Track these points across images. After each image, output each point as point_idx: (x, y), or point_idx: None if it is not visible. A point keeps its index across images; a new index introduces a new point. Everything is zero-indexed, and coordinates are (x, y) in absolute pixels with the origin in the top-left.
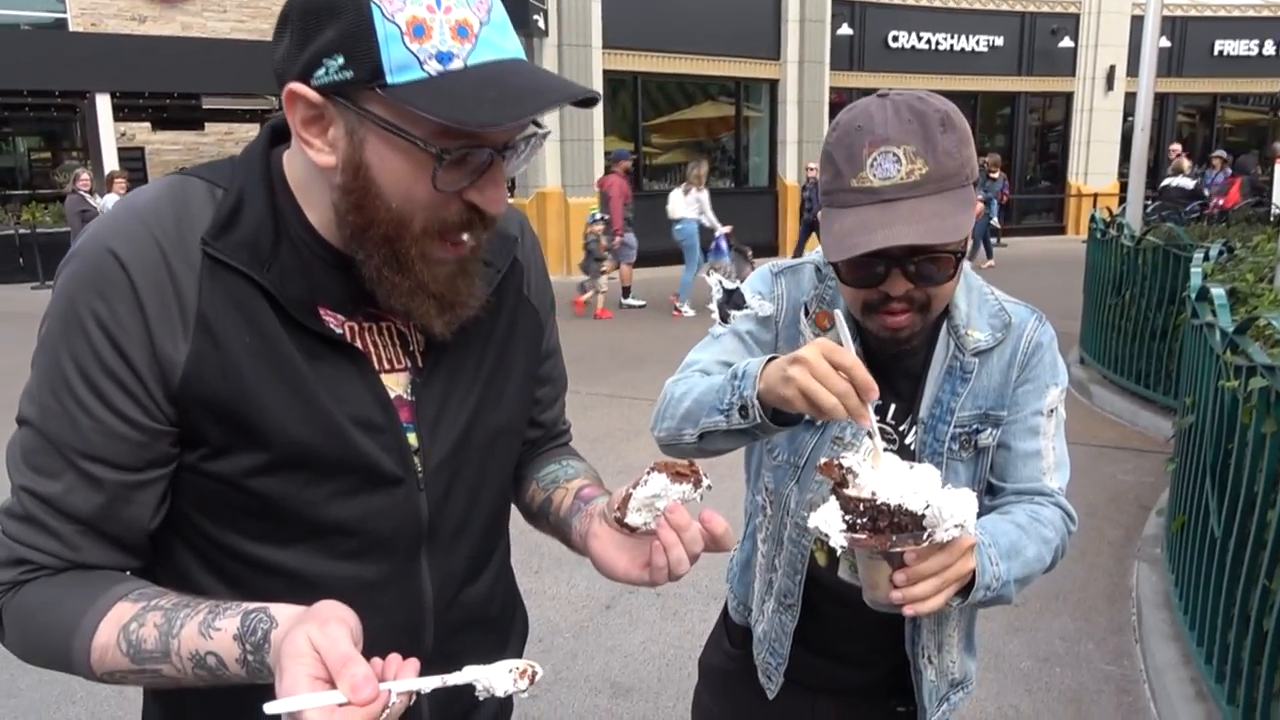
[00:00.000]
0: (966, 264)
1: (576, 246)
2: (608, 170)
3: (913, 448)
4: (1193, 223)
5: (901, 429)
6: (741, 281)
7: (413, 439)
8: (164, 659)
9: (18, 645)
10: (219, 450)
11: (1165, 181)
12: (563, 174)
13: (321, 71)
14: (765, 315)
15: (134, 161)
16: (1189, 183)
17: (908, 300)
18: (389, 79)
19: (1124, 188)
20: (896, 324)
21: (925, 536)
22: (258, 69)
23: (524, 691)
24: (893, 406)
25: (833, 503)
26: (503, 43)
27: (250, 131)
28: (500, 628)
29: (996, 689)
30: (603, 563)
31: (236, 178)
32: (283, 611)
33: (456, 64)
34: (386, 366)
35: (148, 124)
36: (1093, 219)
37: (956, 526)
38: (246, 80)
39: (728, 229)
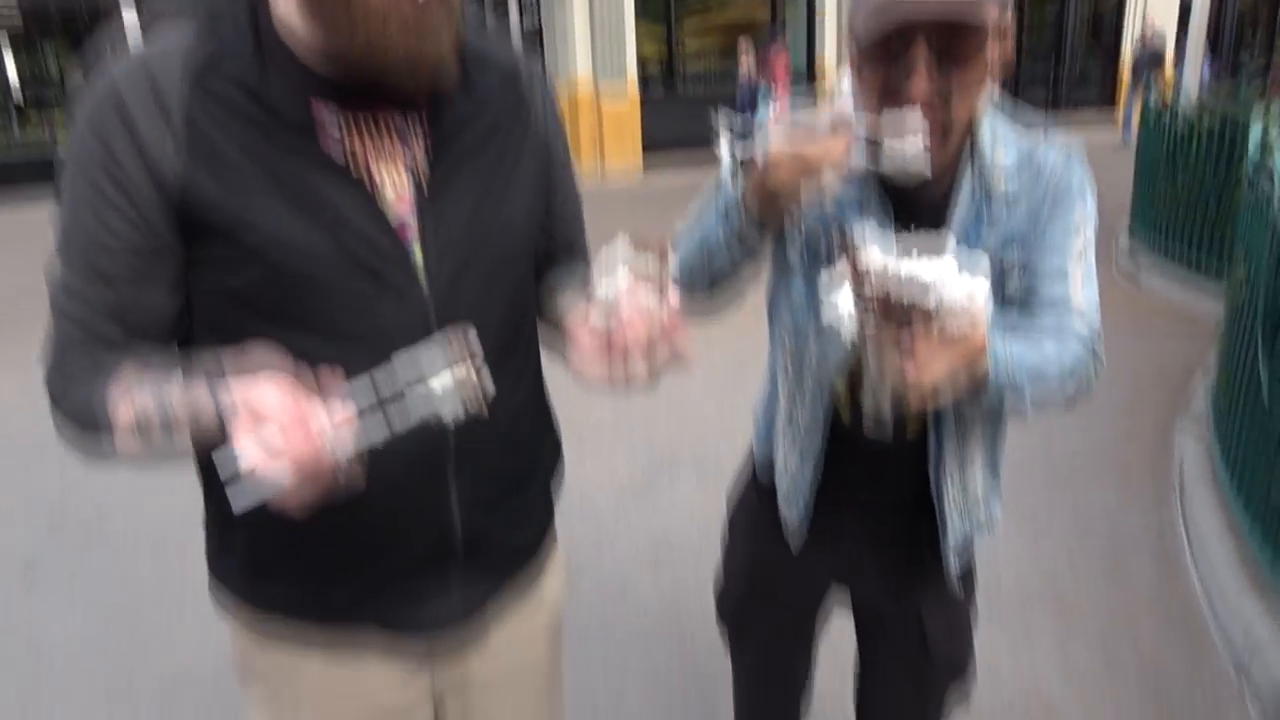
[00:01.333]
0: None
1: (609, 133)
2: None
3: None
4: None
5: None
6: None
7: (417, 251)
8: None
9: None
10: (221, 262)
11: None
12: (594, 60)
13: None
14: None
15: None
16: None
17: (931, 100)
18: None
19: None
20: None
21: (934, 306)
22: None
23: (459, 408)
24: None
25: (846, 287)
26: None
27: None
28: (531, 447)
29: (1033, 551)
30: (574, 358)
31: (217, 12)
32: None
33: None
34: (380, 167)
35: None
36: (1145, 104)
37: (965, 295)
38: None
39: None
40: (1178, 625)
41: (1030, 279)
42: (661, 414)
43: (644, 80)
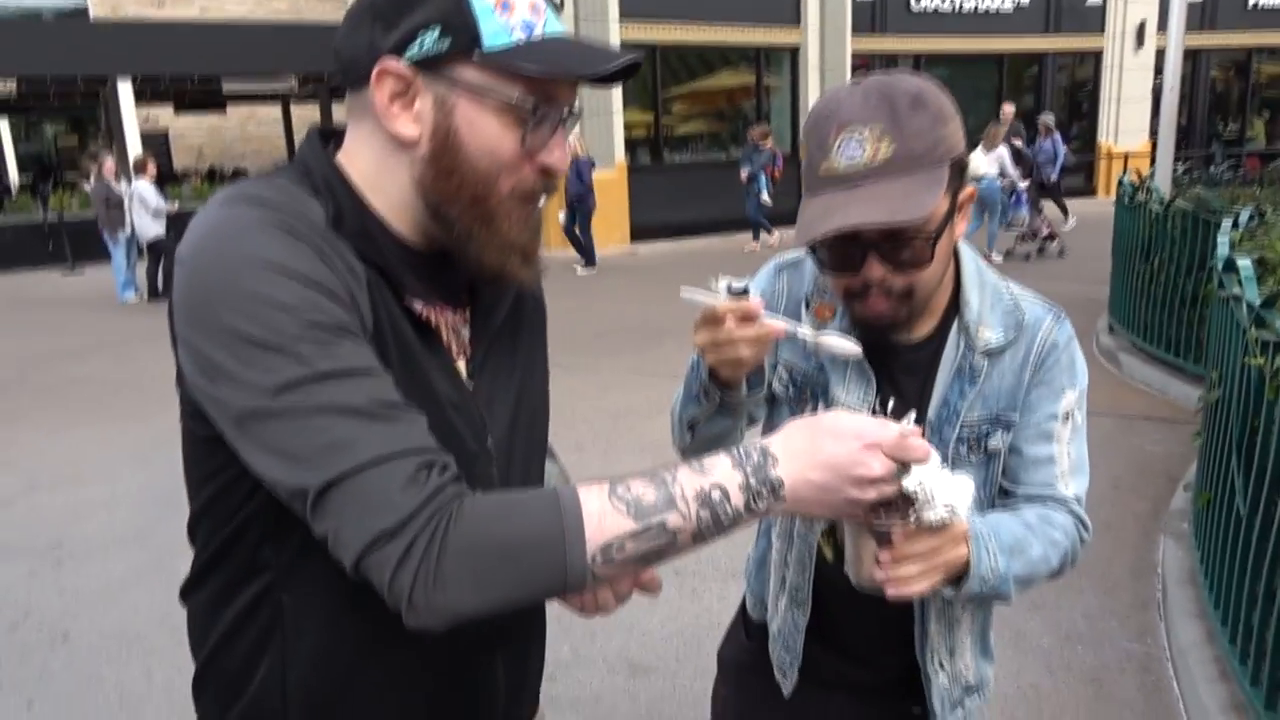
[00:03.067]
0: (979, 259)
1: (598, 220)
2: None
3: None
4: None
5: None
6: (1023, 230)
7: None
8: (669, 506)
9: (473, 579)
10: None
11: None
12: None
13: (415, 47)
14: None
15: (158, 145)
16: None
17: (886, 288)
18: (485, 45)
19: (1155, 148)
20: (877, 311)
21: (912, 515)
22: (277, 50)
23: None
24: (891, 401)
25: None
26: (559, 21)
27: (272, 112)
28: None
29: (1016, 667)
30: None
31: (317, 176)
32: (762, 440)
33: (537, 33)
34: (455, 351)
35: (170, 107)
36: (1120, 183)
37: (945, 507)
38: (266, 61)
39: (1025, 184)
40: None
41: (1015, 439)
42: None
43: (632, 159)
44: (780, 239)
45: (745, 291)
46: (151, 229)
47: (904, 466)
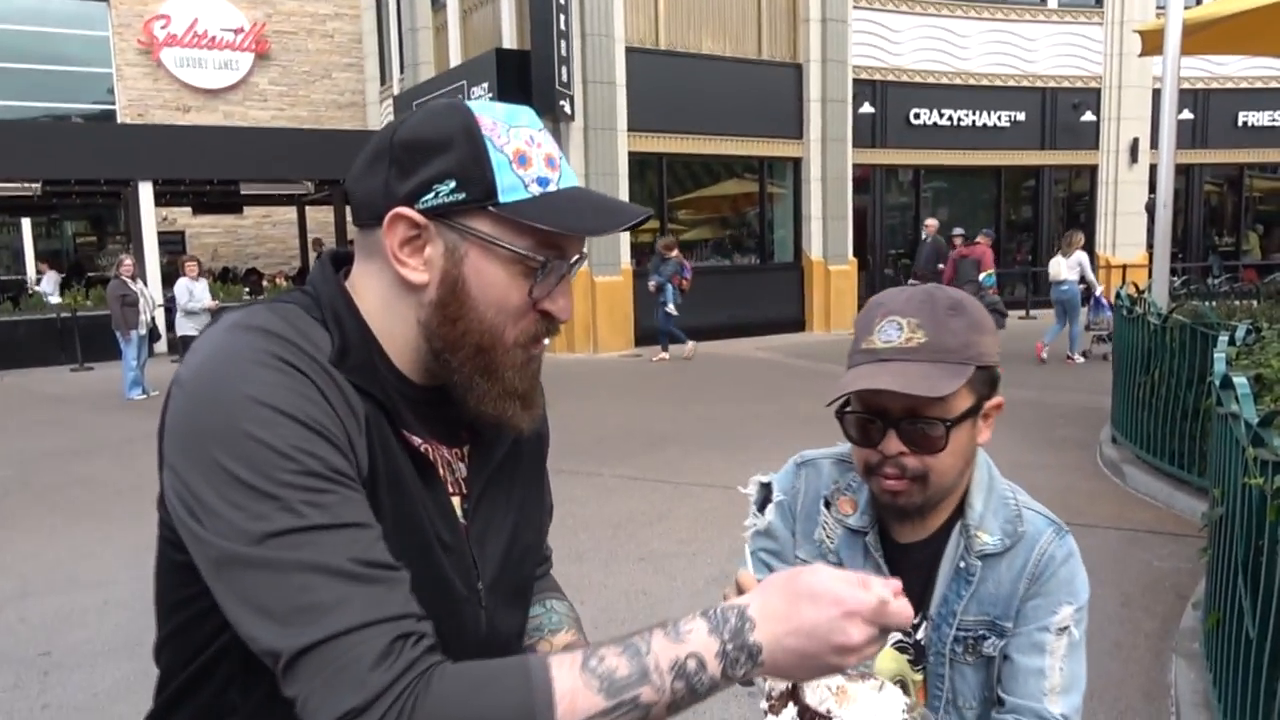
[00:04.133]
0: (994, 468)
1: (603, 323)
2: (974, 241)
3: (923, 644)
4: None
5: (915, 622)
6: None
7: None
8: (642, 680)
9: None
10: None
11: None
12: (591, 255)
13: (430, 195)
14: (761, 529)
15: (174, 245)
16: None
17: (901, 466)
18: (500, 198)
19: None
20: (893, 488)
21: None
22: (295, 155)
23: None
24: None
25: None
26: (573, 173)
27: (287, 214)
28: None
29: None
30: None
31: (325, 306)
32: (740, 600)
33: (552, 187)
34: (451, 489)
35: (188, 208)
36: (1118, 295)
37: None
38: (284, 166)
39: (1101, 288)
40: None
41: (1008, 646)
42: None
43: (637, 265)
44: (693, 349)
45: (769, 484)
46: (190, 327)
47: (884, 632)
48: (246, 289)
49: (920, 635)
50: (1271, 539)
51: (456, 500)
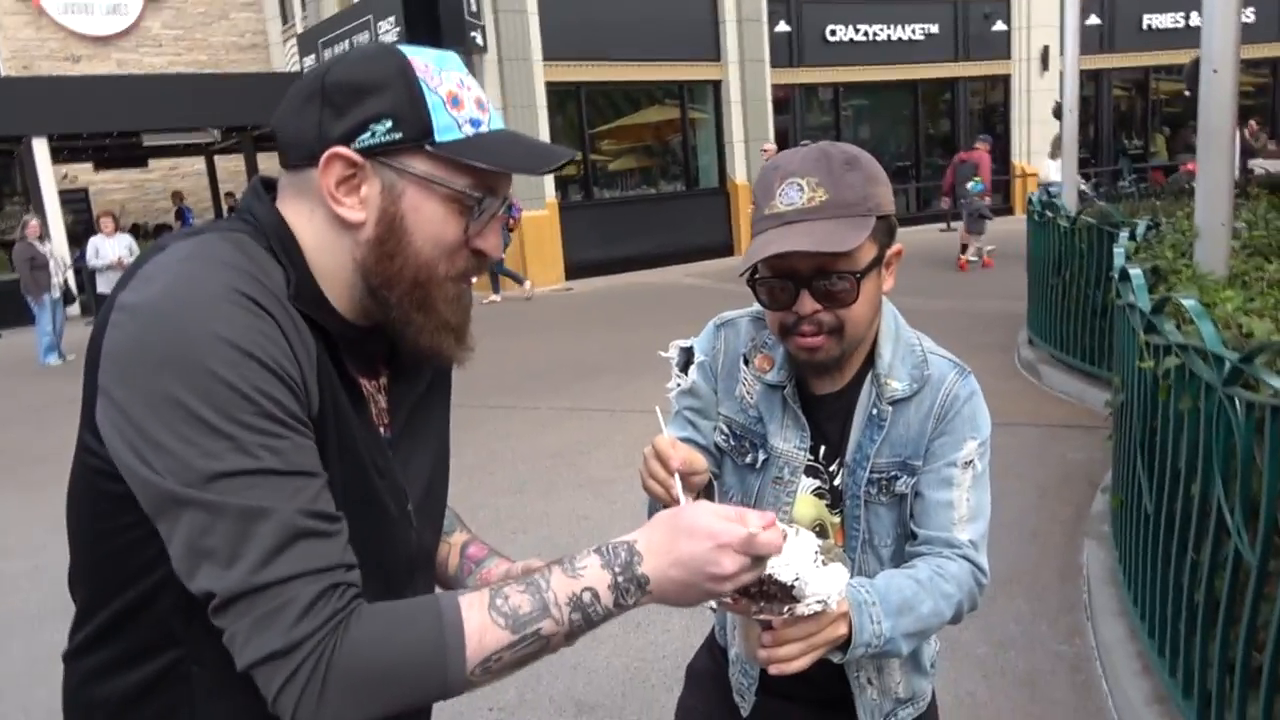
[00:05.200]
0: (900, 317)
1: (531, 259)
2: (972, 147)
3: (840, 488)
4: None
5: (831, 469)
6: None
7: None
8: (543, 614)
9: (354, 698)
10: None
11: None
12: (517, 191)
13: (367, 135)
14: (685, 389)
15: (78, 203)
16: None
17: (817, 323)
18: (436, 138)
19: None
20: (810, 344)
21: (786, 610)
22: (199, 101)
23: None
24: (823, 448)
25: None
26: (500, 117)
27: (195, 165)
28: None
29: (953, 677)
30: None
31: (272, 236)
32: (628, 536)
33: (483, 129)
34: (377, 419)
35: (89, 164)
36: (1029, 201)
37: (818, 603)
38: (187, 114)
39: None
40: None
41: (918, 483)
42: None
43: (563, 197)
44: (530, 287)
45: (690, 348)
46: (107, 286)
47: (758, 559)
48: None
49: (838, 480)
50: (1163, 418)
51: (381, 429)
